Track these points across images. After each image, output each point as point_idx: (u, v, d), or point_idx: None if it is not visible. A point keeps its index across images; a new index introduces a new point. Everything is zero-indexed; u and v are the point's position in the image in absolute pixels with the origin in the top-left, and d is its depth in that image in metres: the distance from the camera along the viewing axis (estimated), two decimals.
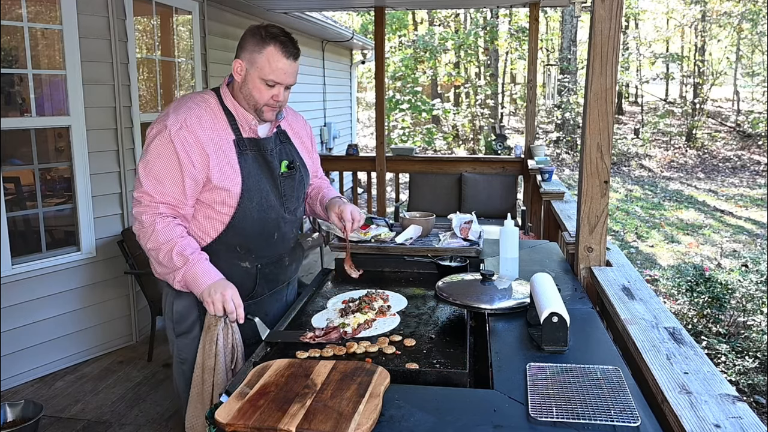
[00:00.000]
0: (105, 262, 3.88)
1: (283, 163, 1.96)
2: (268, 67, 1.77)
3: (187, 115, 1.79)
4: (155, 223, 1.75)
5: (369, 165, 6.77)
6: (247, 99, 1.83)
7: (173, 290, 1.90)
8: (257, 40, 1.78)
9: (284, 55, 1.78)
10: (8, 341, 3.42)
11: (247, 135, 1.87)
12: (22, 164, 3.64)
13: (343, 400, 1.29)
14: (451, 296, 1.81)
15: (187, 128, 1.77)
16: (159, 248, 1.75)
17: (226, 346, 1.81)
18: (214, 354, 1.79)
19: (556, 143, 16.28)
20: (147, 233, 1.76)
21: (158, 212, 1.77)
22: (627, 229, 9.47)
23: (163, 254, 1.75)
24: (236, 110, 1.86)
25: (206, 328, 1.82)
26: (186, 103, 1.83)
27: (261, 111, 1.84)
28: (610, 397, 1.30)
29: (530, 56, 6.24)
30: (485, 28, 16.68)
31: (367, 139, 17.25)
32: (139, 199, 1.77)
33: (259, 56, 1.77)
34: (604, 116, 2.14)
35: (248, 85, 1.81)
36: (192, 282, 1.76)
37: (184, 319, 1.92)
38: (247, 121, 1.86)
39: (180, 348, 1.95)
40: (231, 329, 1.82)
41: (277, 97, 1.82)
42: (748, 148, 15.97)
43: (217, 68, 5.39)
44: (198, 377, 1.81)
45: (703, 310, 4.97)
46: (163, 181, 1.76)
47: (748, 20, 16.51)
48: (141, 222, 1.77)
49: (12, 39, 3.46)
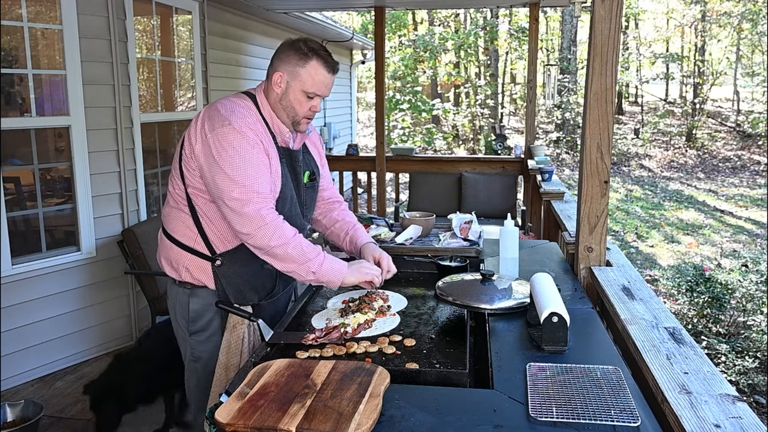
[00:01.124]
0: (105, 262, 3.88)
1: (306, 174, 2.02)
2: (311, 81, 1.84)
3: (248, 118, 1.81)
4: (278, 218, 1.77)
5: (369, 165, 6.77)
6: (287, 110, 1.87)
7: (186, 288, 1.93)
8: (300, 54, 1.83)
9: (326, 69, 1.85)
10: (8, 341, 3.42)
11: (281, 144, 1.91)
12: (22, 164, 3.64)
13: (343, 400, 1.29)
14: (451, 296, 1.81)
15: (252, 130, 1.79)
16: (288, 243, 1.75)
17: (251, 344, 1.86)
18: (240, 352, 1.82)
19: (556, 143, 16.28)
20: (270, 229, 1.74)
21: (272, 207, 1.78)
22: (627, 229, 9.47)
23: (292, 247, 1.76)
24: (272, 120, 1.89)
25: (231, 327, 1.85)
26: (238, 108, 1.83)
27: (298, 123, 1.90)
28: (610, 397, 1.30)
29: (530, 56, 6.24)
30: (485, 28, 16.68)
31: (367, 139, 17.24)
32: (243, 197, 1.73)
33: (302, 70, 1.83)
34: (604, 116, 2.14)
35: (289, 97, 1.85)
36: (329, 271, 1.80)
37: (200, 317, 1.94)
38: (281, 132, 1.90)
39: (194, 346, 1.97)
40: (254, 329, 1.86)
41: (315, 108, 1.89)
42: (748, 148, 15.97)
43: (217, 68, 5.39)
44: (221, 376, 1.84)
45: (703, 310, 4.97)
46: (258, 176, 1.76)
47: (748, 20, 16.51)
48: (261, 218, 1.73)
49: (12, 39, 3.46)
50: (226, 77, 5.68)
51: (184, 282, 1.93)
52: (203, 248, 1.89)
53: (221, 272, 1.89)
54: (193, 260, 1.90)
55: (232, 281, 1.90)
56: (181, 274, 1.93)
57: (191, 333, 1.96)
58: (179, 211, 1.91)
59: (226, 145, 1.75)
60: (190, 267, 1.91)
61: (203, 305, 1.93)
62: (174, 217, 1.92)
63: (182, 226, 1.90)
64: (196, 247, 1.89)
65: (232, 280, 1.90)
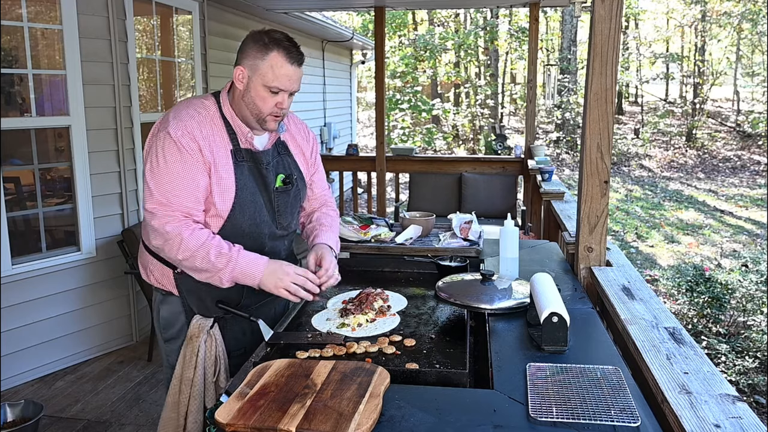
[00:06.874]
0: (105, 262, 3.88)
1: (279, 177, 1.88)
2: (271, 74, 1.69)
3: (189, 122, 1.72)
4: (181, 232, 1.67)
5: (369, 165, 6.77)
6: (250, 108, 1.75)
7: (160, 294, 1.88)
8: (260, 46, 1.70)
9: (288, 60, 1.70)
10: (8, 341, 3.42)
11: (244, 146, 1.80)
12: (22, 164, 3.64)
13: (343, 400, 1.29)
14: (451, 296, 1.81)
15: (189, 135, 1.70)
16: (194, 255, 1.68)
17: (209, 357, 1.78)
18: (194, 365, 1.75)
19: (556, 143, 16.28)
20: (174, 243, 1.67)
21: (179, 220, 1.69)
22: (627, 229, 9.46)
23: (200, 260, 1.68)
24: (233, 120, 1.79)
25: (188, 338, 1.77)
26: (186, 110, 1.76)
27: (264, 121, 1.76)
28: (610, 397, 1.30)
29: (530, 56, 6.24)
30: (485, 28, 16.67)
31: (367, 139, 17.24)
32: (154, 210, 1.68)
33: (262, 63, 1.69)
34: (604, 116, 2.14)
35: (251, 93, 1.73)
36: (242, 277, 1.71)
37: (170, 325, 1.88)
38: (242, 132, 1.79)
39: (168, 353, 1.92)
40: (215, 340, 1.79)
41: (281, 104, 1.74)
42: (748, 148, 15.97)
43: (218, 68, 5.39)
44: (175, 387, 1.78)
45: (703, 310, 4.97)
46: (175, 189, 1.69)
47: (748, 20, 16.50)
48: (165, 233, 1.67)
49: (12, 39, 3.46)
50: (226, 77, 5.67)
51: (157, 287, 1.88)
52: None
53: (181, 281, 1.80)
54: (157, 265, 1.84)
55: (193, 291, 1.81)
56: (149, 278, 1.89)
57: (165, 340, 1.91)
58: None
59: (158, 152, 1.70)
60: (155, 272, 1.86)
61: (172, 313, 1.86)
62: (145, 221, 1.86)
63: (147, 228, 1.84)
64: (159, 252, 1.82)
65: (193, 289, 1.80)
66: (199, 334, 1.76)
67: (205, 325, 1.79)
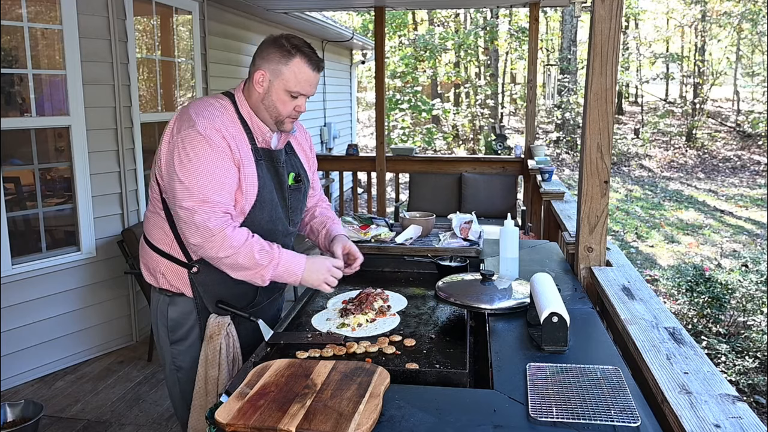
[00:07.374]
0: (105, 262, 3.88)
1: (291, 176, 1.93)
2: (294, 80, 1.75)
3: (215, 121, 1.73)
4: (225, 228, 1.68)
5: (369, 165, 6.77)
6: (270, 110, 1.79)
7: (166, 296, 1.87)
8: (283, 52, 1.74)
9: (310, 67, 1.76)
10: (8, 341, 3.42)
11: (261, 145, 1.84)
12: (22, 164, 3.64)
13: (343, 400, 1.29)
14: (451, 296, 1.81)
15: (218, 133, 1.71)
16: (237, 252, 1.69)
17: (229, 355, 1.80)
18: (218, 364, 1.77)
19: (556, 143, 16.28)
20: (217, 240, 1.68)
21: (221, 216, 1.70)
22: (627, 229, 9.46)
23: (243, 257, 1.69)
24: (252, 120, 1.81)
25: (208, 337, 1.78)
26: (209, 108, 1.76)
27: (282, 122, 1.82)
28: (610, 397, 1.30)
29: (530, 56, 6.24)
30: (485, 28, 16.67)
31: (367, 139, 17.24)
32: (194, 208, 1.67)
33: (285, 68, 1.74)
34: (604, 116, 2.14)
35: (272, 97, 1.77)
36: (285, 275, 1.76)
37: (179, 326, 1.88)
38: (261, 132, 1.83)
39: (175, 356, 1.91)
40: (232, 338, 1.81)
41: (300, 108, 1.80)
42: (748, 148, 15.97)
43: (218, 68, 5.39)
44: (201, 389, 1.78)
45: (703, 310, 4.97)
46: (213, 185, 1.69)
47: (748, 20, 16.51)
48: (209, 230, 1.67)
49: (12, 39, 3.46)
50: (226, 77, 5.67)
51: (163, 289, 1.87)
52: (179, 254, 1.82)
53: (198, 280, 1.82)
54: (169, 266, 1.84)
55: (210, 289, 1.83)
56: (158, 280, 1.87)
57: (172, 342, 1.90)
58: (156, 216, 1.85)
59: (188, 149, 1.69)
60: (167, 274, 1.85)
61: (182, 313, 1.86)
62: (152, 222, 1.87)
63: (159, 230, 1.84)
64: (172, 252, 1.83)
65: (210, 288, 1.83)
66: (219, 332, 1.78)
67: (224, 323, 1.81)
